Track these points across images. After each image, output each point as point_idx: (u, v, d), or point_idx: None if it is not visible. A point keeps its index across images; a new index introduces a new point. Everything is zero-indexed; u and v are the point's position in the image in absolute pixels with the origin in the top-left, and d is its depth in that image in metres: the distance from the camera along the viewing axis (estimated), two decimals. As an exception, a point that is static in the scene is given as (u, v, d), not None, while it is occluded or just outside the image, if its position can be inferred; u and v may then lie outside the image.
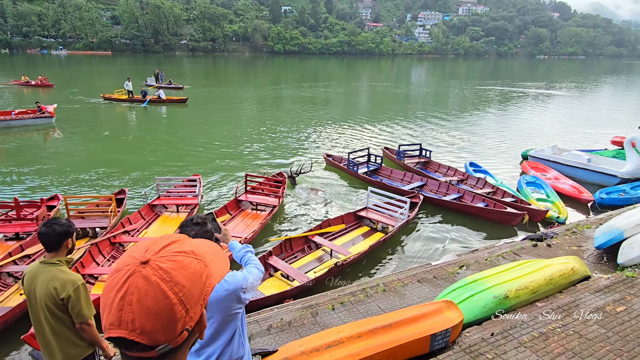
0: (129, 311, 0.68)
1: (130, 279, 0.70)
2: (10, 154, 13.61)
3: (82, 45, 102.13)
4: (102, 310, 0.71)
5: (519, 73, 69.72)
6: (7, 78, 35.11)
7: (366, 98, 33.40)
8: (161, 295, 0.69)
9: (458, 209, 9.07)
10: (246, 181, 9.32)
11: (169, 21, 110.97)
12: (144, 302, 0.69)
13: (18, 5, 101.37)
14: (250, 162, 12.95)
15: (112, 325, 0.69)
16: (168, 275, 0.71)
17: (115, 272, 0.72)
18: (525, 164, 12.53)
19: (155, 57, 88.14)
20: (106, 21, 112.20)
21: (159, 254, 0.73)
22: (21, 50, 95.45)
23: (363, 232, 8.09)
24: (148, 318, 0.69)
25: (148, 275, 0.70)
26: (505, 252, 6.29)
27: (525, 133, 18.92)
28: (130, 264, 0.72)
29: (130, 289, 0.69)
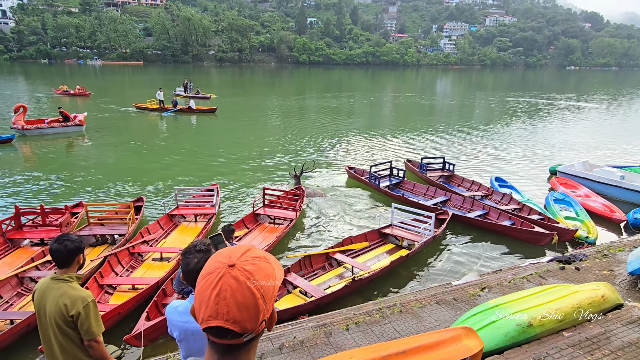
0: (224, 305, 0.85)
1: (222, 279, 0.87)
2: (41, 161, 14.19)
3: (115, 56, 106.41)
4: (199, 306, 0.88)
5: (548, 84, 67.95)
6: (48, 87, 36.95)
7: (390, 109, 33.22)
8: (248, 291, 0.87)
9: (483, 226, 8.79)
10: (264, 195, 9.34)
11: (198, 32, 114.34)
12: (235, 297, 0.86)
13: (58, 18, 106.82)
14: (271, 174, 13.00)
15: (210, 317, 0.86)
16: (252, 276, 0.88)
17: (207, 275, 0.89)
18: (554, 180, 12.09)
19: (184, 67, 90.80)
20: (139, 33, 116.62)
21: (241, 258, 0.90)
22: (59, 60, 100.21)
23: (387, 250, 7.92)
24: (239, 310, 0.86)
25: (237, 276, 0.87)
26: (530, 274, 6.01)
27: (554, 147, 18.30)
28: (220, 268, 0.88)
29: (224, 287, 0.86)
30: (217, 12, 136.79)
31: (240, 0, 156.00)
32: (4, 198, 10.30)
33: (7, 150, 14.95)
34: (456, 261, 7.70)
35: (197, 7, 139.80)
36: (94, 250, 7.31)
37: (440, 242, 8.36)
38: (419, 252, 7.59)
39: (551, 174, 13.31)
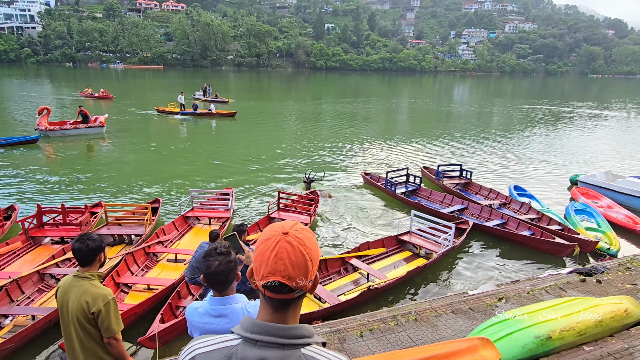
0: (281, 263, 1.01)
1: (279, 243, 1.02)
2: (62, 161, 14.58)
3: (137, 60, 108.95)
4: (259, 266, 1.04)
5: (569, 92, 66.65)
6: (73, 90, 38.12)
7: (406, 115, 33.06)
8: (300, 253, 1.02)
9: (501, 236, 8.63)
10: (279, 198, 9.38)
11: (217, 38, 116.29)
12: (290, 258, 1.01)
13: (83, 23, 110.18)
14: (286, 178, 13.05)
15: (269, 273, 1.02)
16: (302, 242, 1.04)
17: (265, 240, 1.05)
18: (574, 189, 11.81)
19: (202, 72, 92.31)
20: (160, 37, 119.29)
21: (292, 228, 1.06)
22: (83, 64, 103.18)
23: (405, 257, 7.84)
24: (294, 268, 1.01)
25: (290, 241, 1.03)
26: (550, 285, 5.88)
27: (574, 156, 17.92)
28: (275, 235, 1.04)
29: (280, 250, 1.02)
30: (236, 17, 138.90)
31: (259, 6, 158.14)
32: (28, 196, 10.61)
33: (32, 150, 15.42)
34: (473, 270, 7.58)
35: (217, 12, 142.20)
36: (111, 249, 7.45)
37: (457, 250, 8.25)
38: (437, 262, 7.48)
39: (572, 183, 13.02)
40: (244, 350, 1.03)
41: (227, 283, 2.06)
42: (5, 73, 66.82)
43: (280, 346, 1.02)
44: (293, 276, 1.02)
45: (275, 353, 1.01)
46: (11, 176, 12.24)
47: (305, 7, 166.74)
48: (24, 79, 56.57)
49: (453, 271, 7.52)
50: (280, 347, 1.02)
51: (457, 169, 12.15)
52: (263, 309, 1.09)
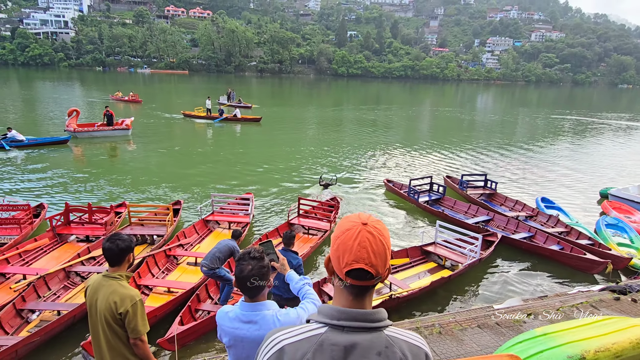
0: (365, 252, 1.07)
1: (361, 233, 1.08)
2: (90, 162, 15.00)
3: (163, 65, 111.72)
4: (342, 254, 1.09)
5: (598, 103, 64.65)
6: (102, 93, 39.52)
7: (428, 123, 32.70)
8: (380, 243, 1.09)
9: (529, 249, 8.35)
10: (299, 205, 9.35)
11: (241, 44, 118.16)
12: (372, 246, 1.08)
13: (113, 28, 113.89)
14: (307, 185, 13.03)
15: (353, 261, 1.07)
16: (381, 232, 1.11)
17: (346, 231, 1.10)
18: (606, 203, 11.36)
19: (226, 77, 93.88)
20: (186, 43, 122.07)
21: (369, 219, 1.12)
22: (112, 68, 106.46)
23: (429, 268, 7.68)
24: (376, 256, 1.08)
25: (371, 231, 1.09)
26: (581, 303, 5.63)
27: (604, 169, 17.30)
28: (356, 225, 1.10)
29: (363, 239, 1.08)
30: (260, 24, 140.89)
31: (283, 14, 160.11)
32: (56, 195, 10.93)
33: (63, 151, 15.91)
34: (498, 283, 7.35)
35: (242, 19, 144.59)
36: (136, 249, 7.57)
37: (483, 262, 8.03)
38: (462, 274, 7.28)
39: (602, 197, 12.55)
40: (334, 336, 1.07)
41: (259, 289, 2.02)
42: (39, 76, 69.58)
43: (367, 330, 1.07)
44: (375, 264, 1.08)
45: (364, 337, 1.07)
46: (41, 175, 12.65)
47: (329, 15, 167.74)
48: (57, 81, 58.77)
49: (477, 284, 7.31)
50: (367, 330, 1.08)
51: (481, 179, 11.88)
52: (342, 297, 1.14)
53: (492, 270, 7.82)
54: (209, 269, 5.67)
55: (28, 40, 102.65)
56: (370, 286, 1.13)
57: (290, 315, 2.01)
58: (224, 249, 5.86)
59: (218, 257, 5.77)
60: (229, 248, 5.91)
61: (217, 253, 5.79)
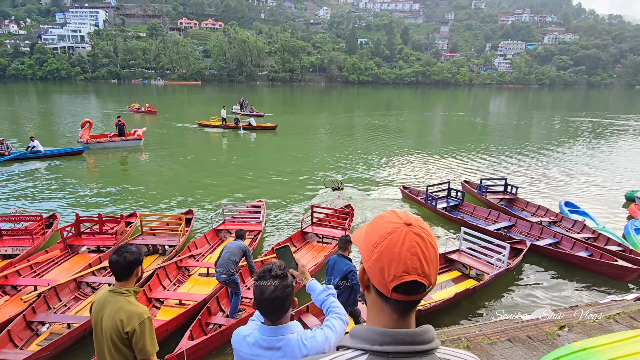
0: (416, 260, 0.87)
1: (407, 236, 0.88)
2: (102, 172, 15.06)
3: (176, 76, 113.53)
4: (388, 265, 0.88)
5: (615, 104, 63.17)
6: (117, 105, 40.23)
7: (441, 128, 32.25)
8: (431, 247, 0.90)
9: (555, 256, 7.95)
10: (312, 213, 9.13)
11: (252, 54, 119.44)
12: (424, 252, 0.88)
13: (128, 42, 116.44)
14: (318, 192, 12.79)
15: (404, 272, 0.87)
16: (429, 233, 0.92)
17: (387, 235, 0.90)
18: (633, 206, 10.86)
19: (238, 87, 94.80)
20: (198, 54, 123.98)
21: (411, 218, 0.93)
22: (127, 80, 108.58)
23: (453, 277, 7.35)
24: (428, 264, 0.89)
25: (419, 233, 0.89)
26: (617, 313, 5.24)
27: (626, 171, 16.65)
28: (399, 227, 0.90)
29: (412, 244, 0.88)
30: (272, 34, 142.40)
31: (294, 23, 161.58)
32: (69, 205, 10.91)
33: (76, 161, 16.03)
34: (523, 293, 6.97)
35: (253, 29, 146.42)
36: (145, 260, 7.43)
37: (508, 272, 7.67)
38: (488, 284, 6.91)
39: (627, 200, 12.01)
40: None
41: (283, 311, 1.76)
42: (57, 89, 71.30)
43: (417, 354, 0.89)
44: (428, 273, 0.89)
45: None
46: (54, 185, 12.71)
47: (339, 23, 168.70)
48: (73, 94, 60.05)
49: (501, 293, 6.94)
50: (417, 355, 0.89)
51: (501, 183, 11.48)
52: (383, 315, 0.93)
53: (517, 279, 7.44)
54: (227, 275, 5.46)
55: (46, 55, 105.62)
56: (418, 300, 0.93)
57: (318, 338, 1.75)
58: (236, 251, 5.64)
59: (233, 260, 5.55)
60: (241, 248, 5.68)
61: (231, 257, 5.56)
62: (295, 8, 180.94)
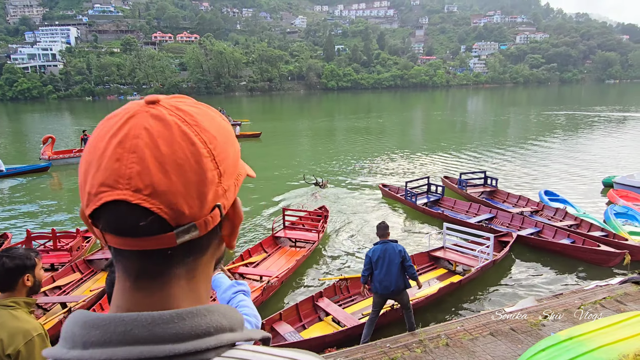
0: (132, 160, 0.43)
1: (131, 120, 0.45)
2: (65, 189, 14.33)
3: (152, 91, 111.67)
4: (86, 172, 0.46)
5: (587, 98, 64.88)
6: (92, 121, 39.12)
7: (420, 127, 32.37)
8: (182, 138, 0.45)
9: (537, 245, 7.73)
10: (284, 216, 8.69)
11: (230, 65, 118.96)
12: (156, 146, 0.44)
13: (101, 58, 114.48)
14: (298, 195, 12.41)
15: (103, 186, 0.44)
16: (191, 118, 0.47)
17: (106, 120, 0.48)
18: (612, 192, 10.81)
19: (217, 98, 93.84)
20: (175, 68, 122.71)
21: (168, 98, 0.50)
22: (102, 97, 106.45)
23: (438, 275, 7.03)
24: (163, 170, 0.44)
25: (160, 115, 0.46)
26: (603, 298, 5.01)
27: (604, 158, 16.82)
28: (132, 107, 0.47)
29: (133, 132, 0.44)
30: (248, 44, 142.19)
31: (270, 33, 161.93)
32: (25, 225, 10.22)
33: (40, 179, 15.22)
34: (507, 285, 6.71)
35: (229, 41, 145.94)
36: (104, 275, 6.90)
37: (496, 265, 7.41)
38: (474, 279, 6.62)
39: (605, 186, 12.01)
40: None
41: None
42: (28, 109, 69.22)
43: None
44: (162, 189, 0.44)
45: None
46: (11, 204, 12.01)
47: (315, 31, 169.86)
48: (45, 113, 58.37)
49: (487, 287, 6.65)
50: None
51: (480, 176, 11.31)
52: (118, 283, 0.50)
53: (500, 271, 7.17)
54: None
55: (16, 75, 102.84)
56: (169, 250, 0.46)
57: None
58: None
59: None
60: None
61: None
62: (271, 18, 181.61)
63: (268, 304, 6.11)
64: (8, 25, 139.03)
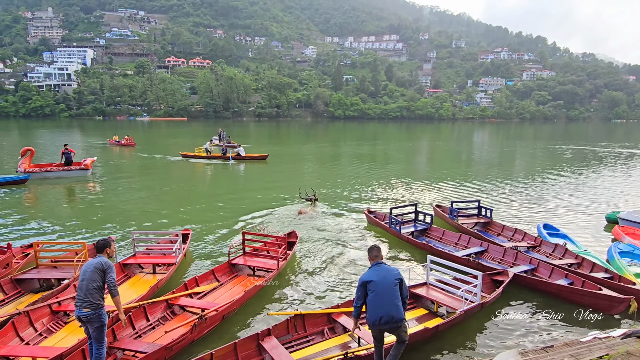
0: None
1: None
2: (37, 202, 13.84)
3: (162, 112, 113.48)
4: None
5: (594, 135, 64.32)
6: (101, 138, 39.40)
7: (425, 156, 31.81)
8: None
9: (531, 285, 6.92)
10: (244, 240, 7.88)
11: (239, 90, 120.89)
12: None
13: (114, 79, 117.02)
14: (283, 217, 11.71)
15: None
16: None
17: None
18: (617, 228, 10.02)
19: (224, 122, 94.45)
20: (185, 91, 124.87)
21: None
22: (112, 117, 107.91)
23: (418, 316, 6.15)
24: None
25: None
26: (600, 357, 4.19)
27: (609, 193, 16.10)
28: None
29: None
30: (259, 71, 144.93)
31: (281, 61, 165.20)
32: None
33: (12, 192, 14.68)
34: (492, 330, 5.88)
35: (241, 67, 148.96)
36: (34, 297, 6.15)
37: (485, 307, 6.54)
38: (457, 323, 5.75)
39: (609, 222, 11.22)
40: None
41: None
42: (38, 125, 70.01)
43: None
44: None
45: None
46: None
47: (325, 61, 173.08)
48: (51, 129, 58.87)
49: (467, 331, 5.82)
50: None
51: (474, 206, 10.59)
52: None
53: (486, 313, 6.34)
54: (92, 308, 4.18)
55: (30, 93, 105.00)
56: None
57: None
58: (94, 274, 4.27)
59: (95, 287, 4.23)
60: (98, 268, 4.30)
61: (90, 283, 4.23)
62: (283, 47, 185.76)
63: (203, 342, 5.31)
64: (28, 45, 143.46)
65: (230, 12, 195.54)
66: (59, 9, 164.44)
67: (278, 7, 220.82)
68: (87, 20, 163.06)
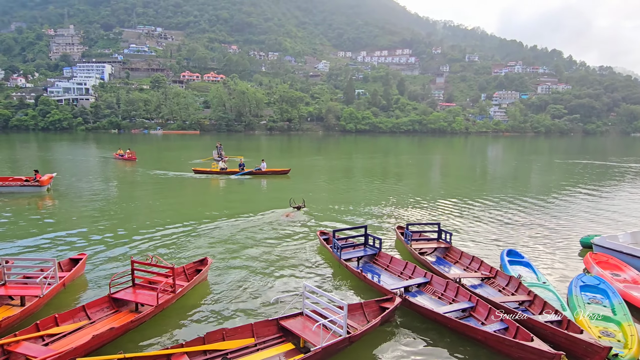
0: None
1: None
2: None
3: (175, 126, 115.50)
4: None
5: (612, 149, 62.28)
6: (108, 151, 40.28)
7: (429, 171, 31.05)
8: None
9: (456, 329, 6.13)
10: (133, 270, 6.95)
11: (251, 104, 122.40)
12: None
13: (130, 93, 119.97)
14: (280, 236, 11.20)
15: None
16: None
17: None
18: (589, 256, 9.19)
19: (236, 136, 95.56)
20: (199, 105, 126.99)
21: None
22: (127, 130, 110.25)
23: (284, 351, 5.45)
24: None
25: None
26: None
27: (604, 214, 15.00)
28: None
29: None
30: (271, 85, 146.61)
31: (293, 75, 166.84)
32: None
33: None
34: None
35: (254, 82, 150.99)
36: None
37: (373, 346, 5.78)
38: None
39: (583, 247, 10.38)
40: None
41: None
42: (56, 138, 71.77)
43: None
44: None
45: None
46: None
47: (337, 75, 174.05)
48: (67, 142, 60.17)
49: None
50: None
51: (434, 229, 9.91)
52: None
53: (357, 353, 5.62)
54: None
55: (49, 107, 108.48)
56: None
57: None
58: None
59: None
60: None
61: None
62: (296, 62, 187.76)
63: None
64: (49, 61, 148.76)
65: (245, 28, 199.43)
66: (80, 26, 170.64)
67: (292, 23, 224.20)
68: (106, 37, 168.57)
